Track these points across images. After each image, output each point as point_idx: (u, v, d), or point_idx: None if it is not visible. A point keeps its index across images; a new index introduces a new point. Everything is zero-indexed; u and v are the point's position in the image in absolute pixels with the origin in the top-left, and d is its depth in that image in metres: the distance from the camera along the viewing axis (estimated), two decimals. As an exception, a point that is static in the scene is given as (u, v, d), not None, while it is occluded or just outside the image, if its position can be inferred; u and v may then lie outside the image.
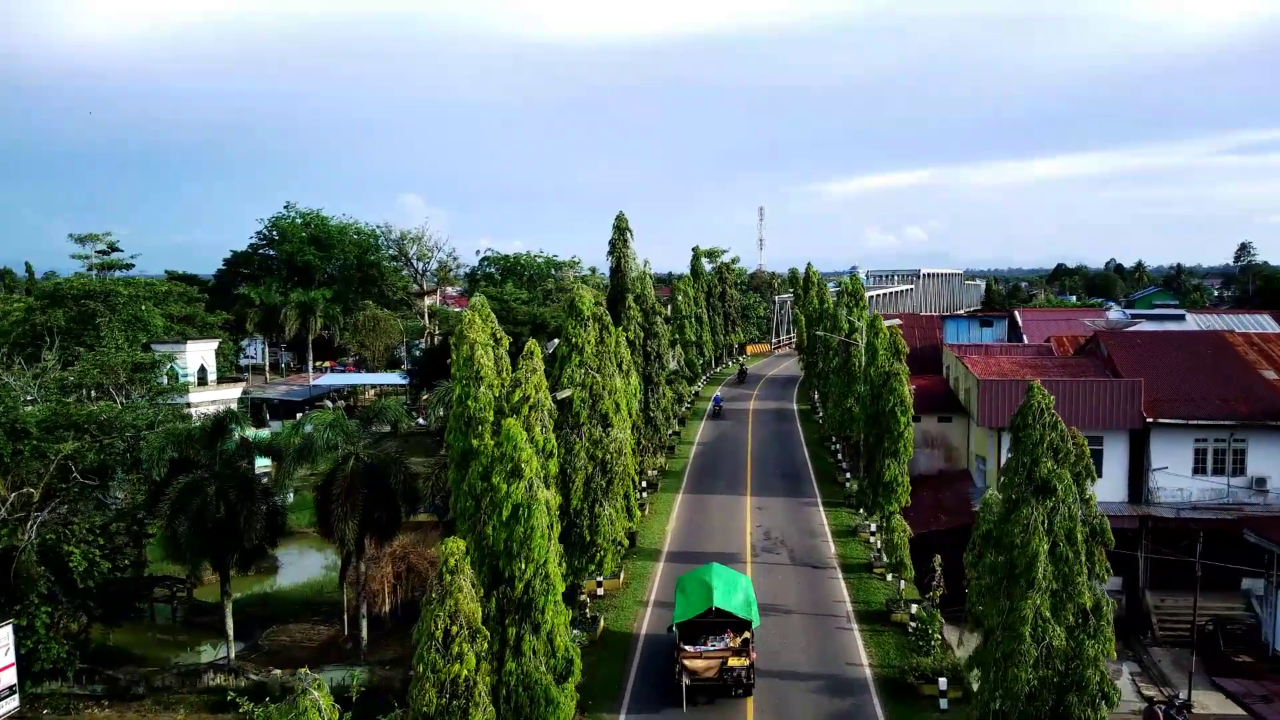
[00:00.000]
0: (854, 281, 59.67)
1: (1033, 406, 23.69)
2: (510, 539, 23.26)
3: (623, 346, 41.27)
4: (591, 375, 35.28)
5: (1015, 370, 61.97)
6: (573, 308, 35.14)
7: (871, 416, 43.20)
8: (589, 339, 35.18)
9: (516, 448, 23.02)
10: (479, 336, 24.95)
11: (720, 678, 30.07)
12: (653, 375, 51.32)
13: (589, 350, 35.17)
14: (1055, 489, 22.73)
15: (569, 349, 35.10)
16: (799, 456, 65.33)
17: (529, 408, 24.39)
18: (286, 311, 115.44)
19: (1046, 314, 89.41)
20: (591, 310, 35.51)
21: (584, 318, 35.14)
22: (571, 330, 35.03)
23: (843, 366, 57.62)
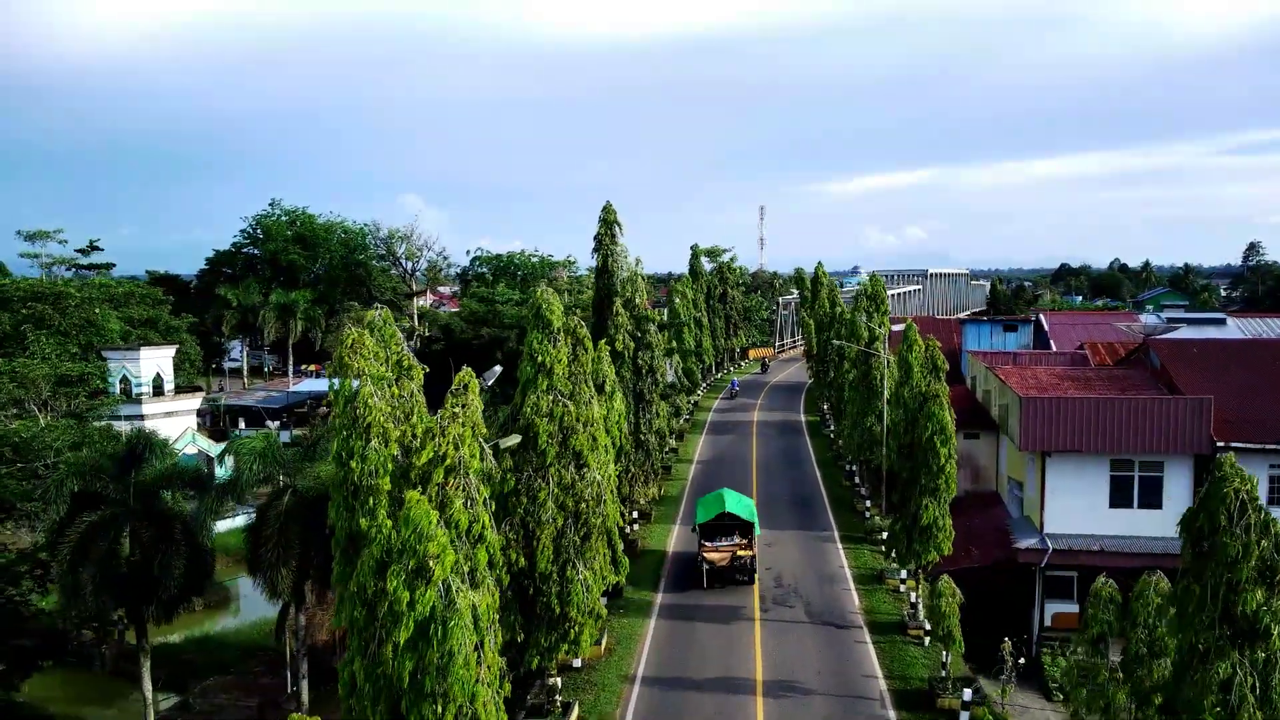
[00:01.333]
0: (875, 283, 51.56)
1: (1226, 498, 15.38)
2: (418, 669, 15.21)
3: (604, 363, 33.15)
4: (562, 404, 27.19)
5: (1055, 383, 53.81)
6: (539, 318, 27.07)
7: (905, 446, 35.11)
8: (559, 357, 27.06)
9: (421, 535, 14.94)
10: (369, 366, 16.87)
11: (731, 565, 39.15)
12: (645, 392, 43.31)
13: (559, 371, 27.06)
14: (1270, 634, 14.33)
15: (534, 370, 27.01)
16: (810, 478, 57.20)
17: (445, 472, 16.21)
18: (265, 313, 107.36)
19: (1074, 317, 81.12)
20: (562, 321, 27.40)
21: (553, 331, 27.05)
22: (537, 347, 26.95)
23: (862, 379, 49.53)
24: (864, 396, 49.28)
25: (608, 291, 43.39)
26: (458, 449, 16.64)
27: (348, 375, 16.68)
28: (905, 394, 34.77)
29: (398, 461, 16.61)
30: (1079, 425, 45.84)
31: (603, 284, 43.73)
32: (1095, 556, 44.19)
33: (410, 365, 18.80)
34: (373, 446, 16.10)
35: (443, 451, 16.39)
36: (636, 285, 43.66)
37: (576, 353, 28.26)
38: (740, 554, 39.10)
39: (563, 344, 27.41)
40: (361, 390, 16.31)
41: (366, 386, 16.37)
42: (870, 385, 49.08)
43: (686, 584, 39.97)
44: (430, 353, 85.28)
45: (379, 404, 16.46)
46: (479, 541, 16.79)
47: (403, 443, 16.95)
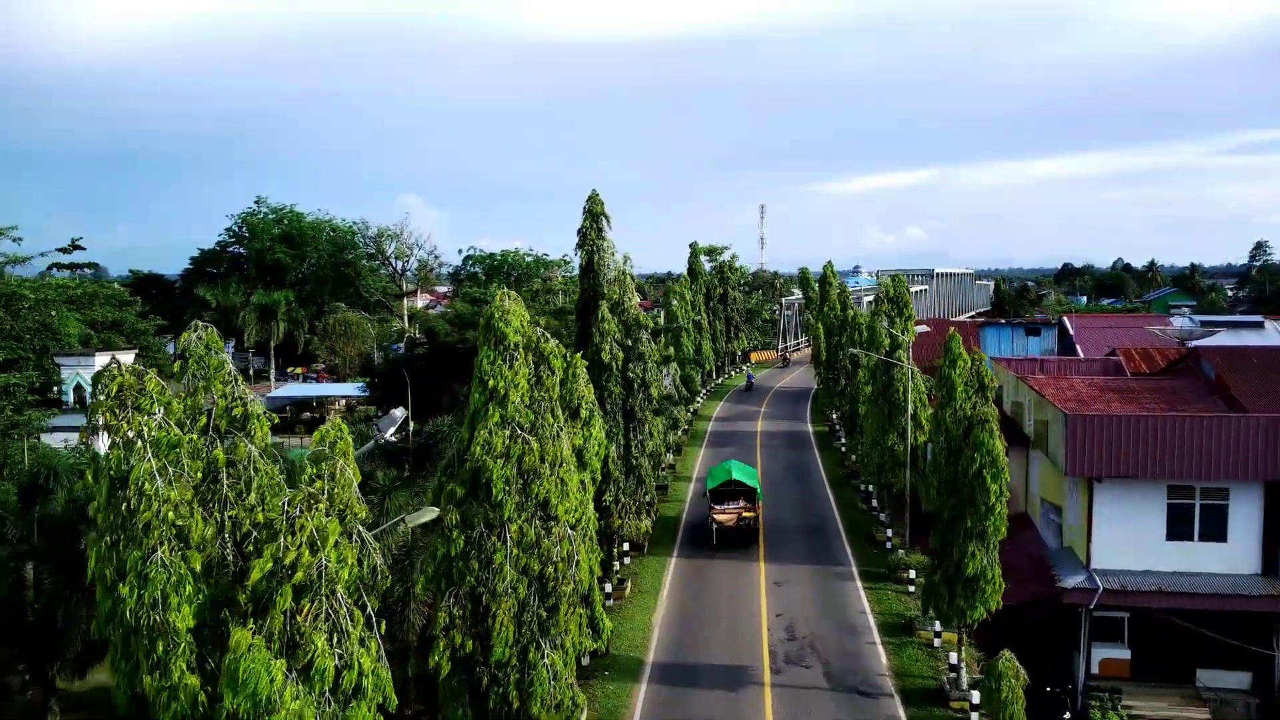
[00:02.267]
0: (897, 285, 45.04)
1: None
2: None
3: (579, 381, 26.72)
4: (521, 440, 20.78)
5: (1096, 396, 47.37)
6: (490, 331, 20.70)
7: (947, 481, 28.67)
8: (517, 381, 20.65)
9: (260, 706, 8.55)
10: (153, 424, 10.47)
11: (737, 524, 42.55)
12: (636, 409, 36.90)
13: (516, 399, 20.65)
14: None
15: (484, 398, 20.61)
16: (822, 500, 50.75)
17: (295, 593, 9.79)
18: (245, 315, 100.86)
19: (1100, 320, 74.62)
20: (521, 335, 20.99)
21: (508, 346, 20.63)
22: (488, 368, 20.54)
23: (883, 393, 43.10)
24: (884, 412, 42.86)
25: (593, 293, 36.95)
26: (316, 551, 10.19)
27: (116, 441, 10.32)
28: (947, 418, 28.36)
29: (213, 575, 10.20)
30: (1134, 447, 39.48)
31: (588, 285, 37.27)
32: (1152, 597, 37.89)
33: (245, 413, 12.34)
34: (157, 560, 9.68)
35: (290, 560, 9.95)
36: (626, 286, 37.20)
37: (540, 373, 21.80)
38: (745, 515, 43.32)
39: (522, 363, 20.98)
40: (135, 470, 9.91)
41: (144, 462, 9.98)
42: (892, 399, 42.67)
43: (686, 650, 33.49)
44: (414, 357, 78.79)
45: (167, 490, 10.01)
46: (355, 696, 10.33)
47: (226, 541, 10.53)
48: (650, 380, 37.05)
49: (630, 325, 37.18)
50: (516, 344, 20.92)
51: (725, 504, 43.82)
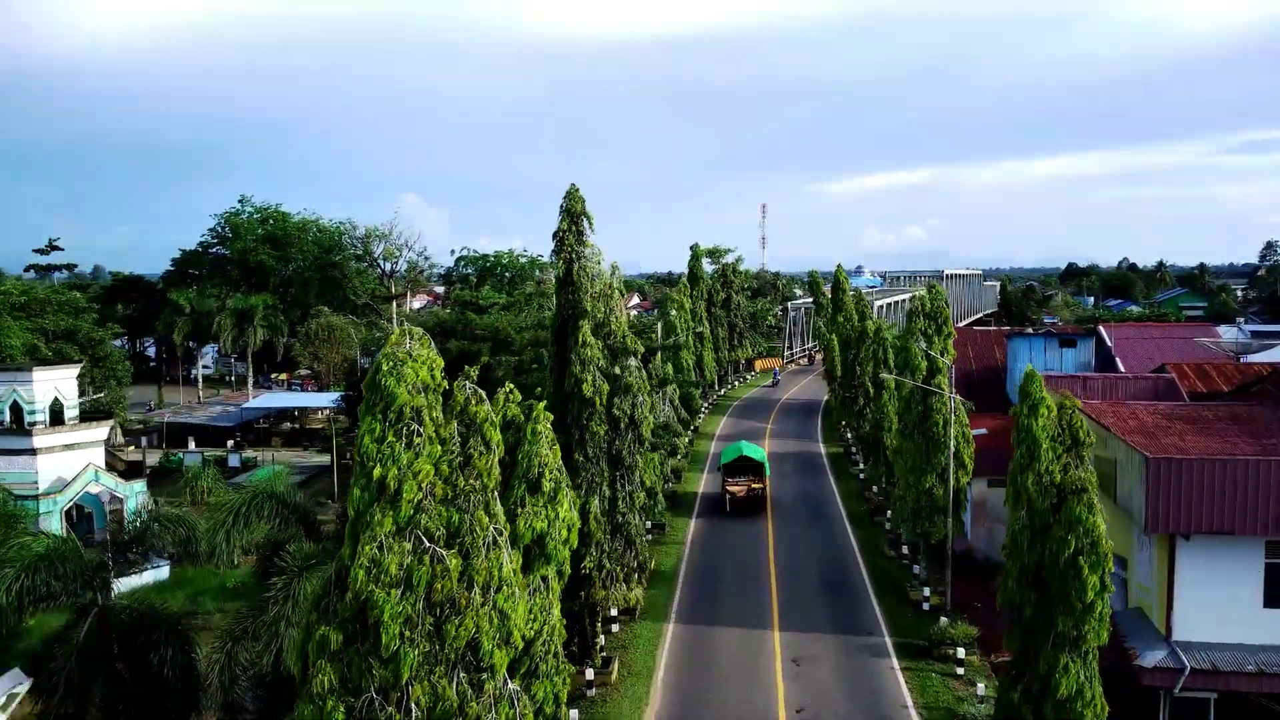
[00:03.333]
0: (935, 297, 37.43)
1: None
2: None
3: (540, 444, 19.11)
4: (430, 559, 13.27)
5: (1164, 426, 39.65)
6: (375, 392, 13.16)
7: (1029, 569, 21.12)
8: (421, 469, 13.13)
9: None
10: None
11: (747, 495, 48.11)
12: (623, 453, 29.39)
13: (416, 495, 13.12)
14: None
15: (369, 496, 13.08)
16: (843, 543, 43.15)
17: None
18: (220, 320, 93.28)
19: (1140, 330, 66.79)
20: (430, 395, 13.45)
21: (403, 416, 13.11)
22: (372, 449, 13.04)
23: (918, 426, 35.49)
24: (921, 448, 35.24)
25: (573, 311, 29.35)
26: None
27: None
28: (1029, 485, 20.87)
29: None
30: (1230, 497, 31.98)
31: (566, 300, 29.66)
32: (1250, 680, 30.39)
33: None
34: None
35: None
36: (613, 302, 29.59)
37: (470, 449, 14.27)
38: (754, 487, 48.41)
39: (430, 440, 13.43)
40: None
41: None
42: (930, 434, 35.05)
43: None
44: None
45: None
46: None
47: None
48: (641, 418, 29.44)
49: (617, 350, 29.56)
50: (420, 410, 13.35)
51: (737, 477, 48.83)
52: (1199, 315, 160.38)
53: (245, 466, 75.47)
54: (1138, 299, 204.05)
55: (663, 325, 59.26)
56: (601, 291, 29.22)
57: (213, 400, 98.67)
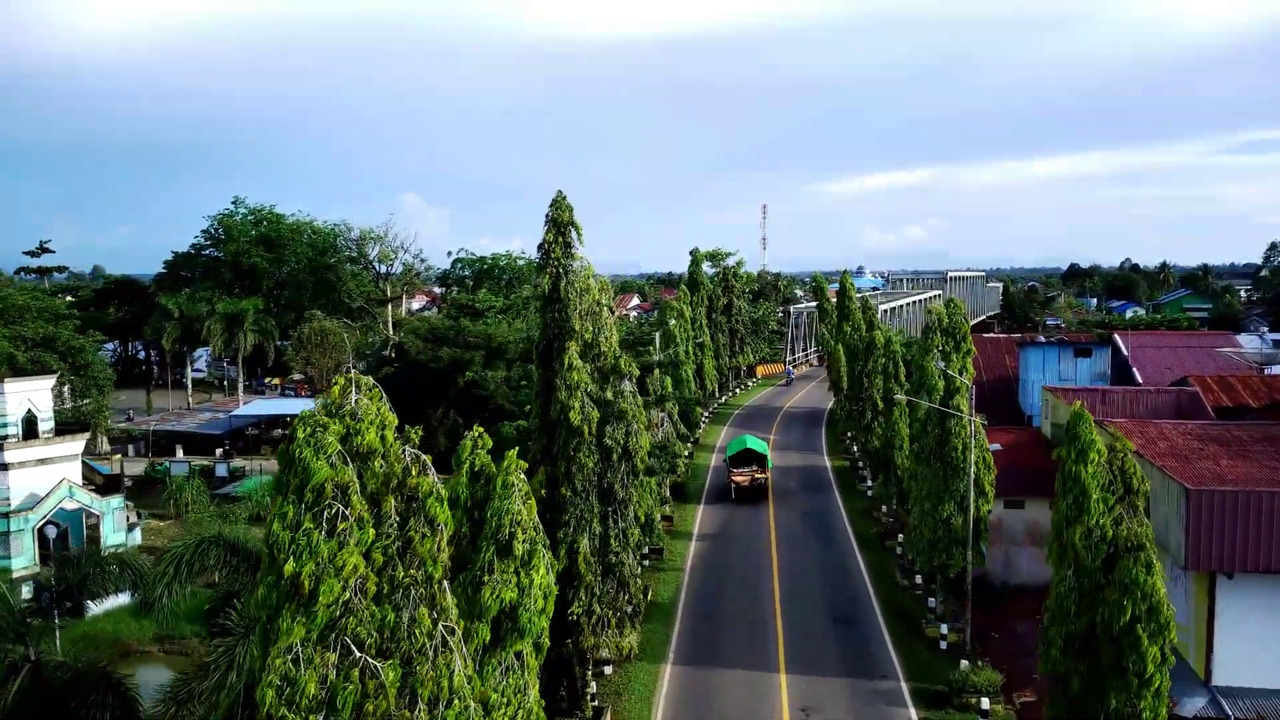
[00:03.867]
0: (953, 311, 34.47)
1: None
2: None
3: (511, 499, 16.17)
4: (358, 672, 10.38)
5: (1196, 449, 36.77)
6: (289, 467, 10.21)
7: (1079, 636, 18.25)
8: (347, 561, 10.23)
9: None
10: None
11: (751, 484, 50.97)
12: (615, 487, 26.53)
13: (337, 594, 10.20)
14: None
15: (277, 596, 10.17)
16: (852, 570, 40.21)
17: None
18: (210, 324, 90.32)
19: (1157, 339, 63.76)
20: (359, 465, 10.53)
21: (323, 496, 10.18)
22: (282, 538, 10.12)
23: (936, 451, 32.58)
24: (939, 474, 32.33)
25: (559, 330, 26.44)
26: None
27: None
28: (1076, 540, 18.01)
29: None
30: (1276, 531, 29.24)
31: (552, 319, 26.76)
32: (1300, 730, 27.41)
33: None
34: None
35: None
36: (601, 321, 26.67)
37: (411, 531, 11.40)
38: (757, 477, 51.30)
39: (357, 530, 10.56)
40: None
41: None
42: (948, 460, 32.15)
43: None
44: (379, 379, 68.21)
45: None
46: None
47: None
48: (635, 448, 26.53)
49: (609, 373, 26.65)
50: (346, 487, 10.46)
51: (741, 467, 51.72)
52: (1204, 317, 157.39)
53: (233, 476, 72.62)
54: (1141, 300, 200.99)
55: (661, 335, 56.37)
56: (590, 309, 26.29)
57: (203, 406, 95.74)
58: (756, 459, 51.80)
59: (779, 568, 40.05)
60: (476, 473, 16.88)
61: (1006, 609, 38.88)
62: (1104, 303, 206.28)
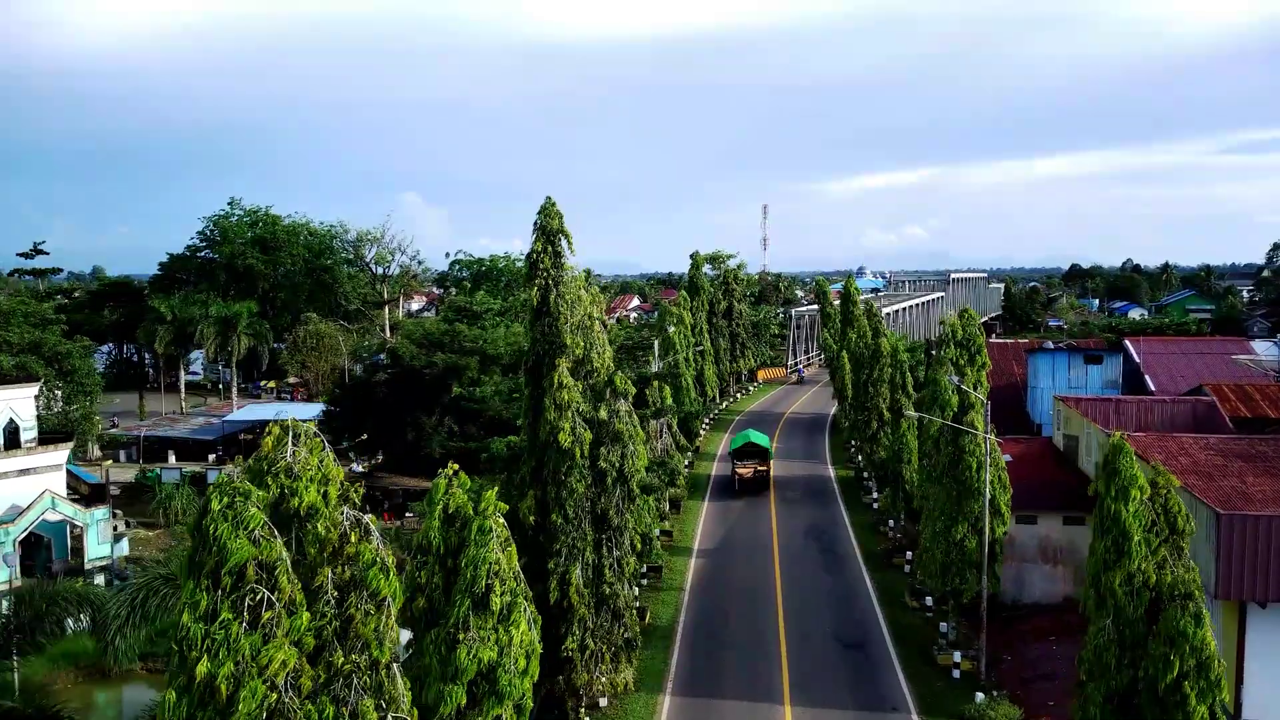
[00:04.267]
0: (967, 322, 32.51)
1: None
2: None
3: (487, 548, 14.31)
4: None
5: (1219, 465, 34.96)
6: (201, 540, 8.33)
7: (1120, 693, 16.42)
8: (274, 653, 8.40)
9: None
10: None
11: (754, 476, 53.19)
12: (609, 513, 24.70)
13: (258, 696, 8.34)
14: None
15: (185, 711, 8.30)
16: (859, 590, 38.31)
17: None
18: (203, 328, 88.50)
19: (1169, 345, 61.83)
20: (300, 515, 8.69)
21: (244, 582, 8.33)
22: (193, 629, 8.27)
23: (949, 469, 30.76)
24: (952, 494, 30.51)
25: (549, 346, 24.61)
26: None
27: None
28: (1116, 586, 16.21)
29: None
30: (1309, 557, 27.47)
31: (541, 334, 24.93)
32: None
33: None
34: None
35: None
36: (594, 336, 24.83)
37: (352, 608, 9.58)
38: (759, 469, 53.26)
39: (288, 600, 8.74)
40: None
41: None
42: (962, 479, 30.33)
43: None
44: (372, 384, 66.52)
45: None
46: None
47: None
48: (631, 471, 24.69)
49: (602, 391, 24.80)
50: (273, 566, 8.63)
51: (745, 460, 53.64)
52: (1207, 318, 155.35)
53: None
54: (1143, 301, 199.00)
55: (660, 342, 54.52)
56: (581, 322, 24.43)
57: (196, 410, 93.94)
58: (759, 452, 53.78)
59: (782, 587, 38.19)
60: (451, 515, 15.05)
61: (1018, 629, 37.03)
62: (1106, 304, 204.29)
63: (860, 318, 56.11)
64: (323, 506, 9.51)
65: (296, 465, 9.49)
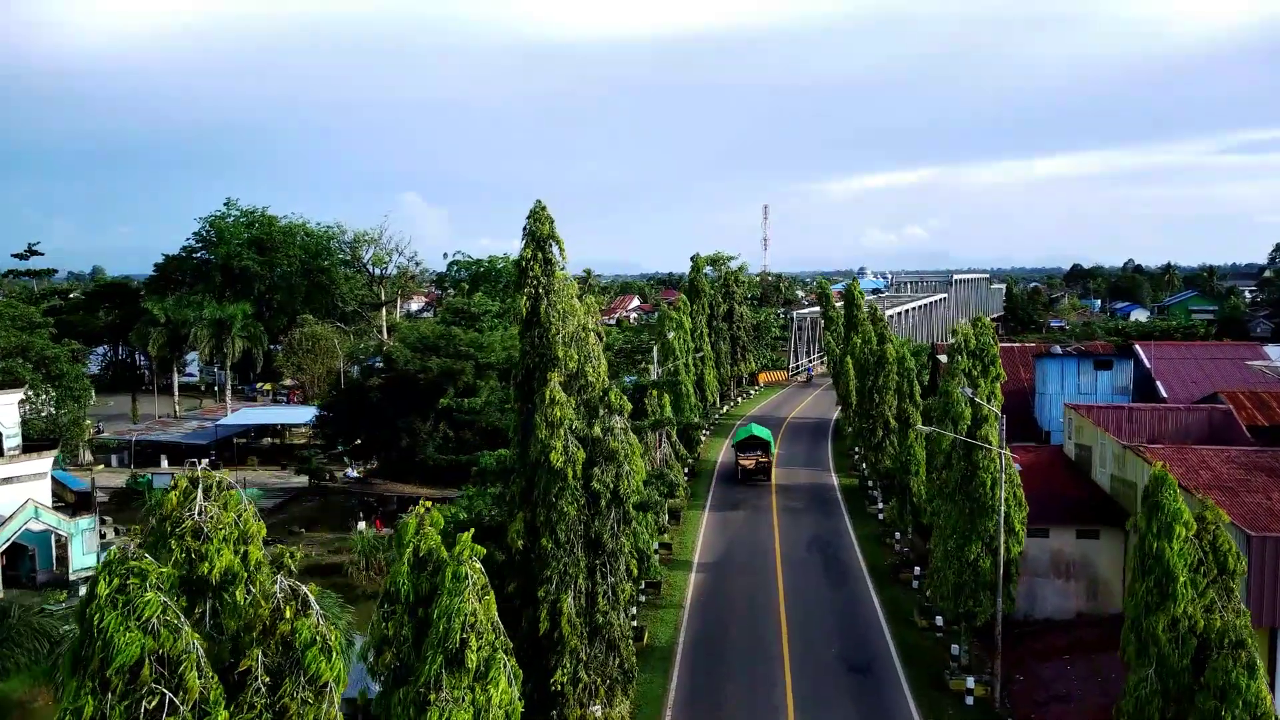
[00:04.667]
0: (981, 332, 30.84)
1: None
2: None
3: (463, 603, 12.65)
4: None
5: (1241, 479, 33.33)
6: (86, 633, 6.69)
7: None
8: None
9: None
10: None
11: (755, 467, 56.10)
12: (603, 537, 23.07)
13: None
14: None
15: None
16: (865, 610, 36.61)
17: None
18: (197, 330, 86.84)
19: (1180, 350, 60.10)
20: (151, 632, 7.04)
21: (124, 672, 6.71)
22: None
23: (961, 486, 29.14)
24: (965, 512, 28.89)
25: (540, 360, 23.00)
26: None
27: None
28: (1159, 631, 14.62)
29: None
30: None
31: (531, 344, 23.32)
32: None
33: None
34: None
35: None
36: (588, 348, 23.20)
37: (282, 695, 7.99)
38: (761, 461, 56.30)
39: (197, 696, 7.13)
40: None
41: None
42: (975, 496, 28.71)
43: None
44: (366, 389, 64.90)
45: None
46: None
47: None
48: (626, 492, 23.07)
49: (596, 407, 23.18)
50: (178, 661, 7.01)
51: (747, 452, 56.71)
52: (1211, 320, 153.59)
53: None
54: (1145, 302, 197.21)
55: (660, 348, 52.88)
56: (575, 334, 22.80)
57: (190, 414, 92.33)
58: (761, 445, 57.08)
59: (786, 605, 36.54)
60: (422, 559, 13.42)
61: (1031, 646, 35.41)
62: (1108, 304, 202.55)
63: (864, 321, 54.42)
64: (241, 571, 7.92)
65: (207, 524, 7.89)
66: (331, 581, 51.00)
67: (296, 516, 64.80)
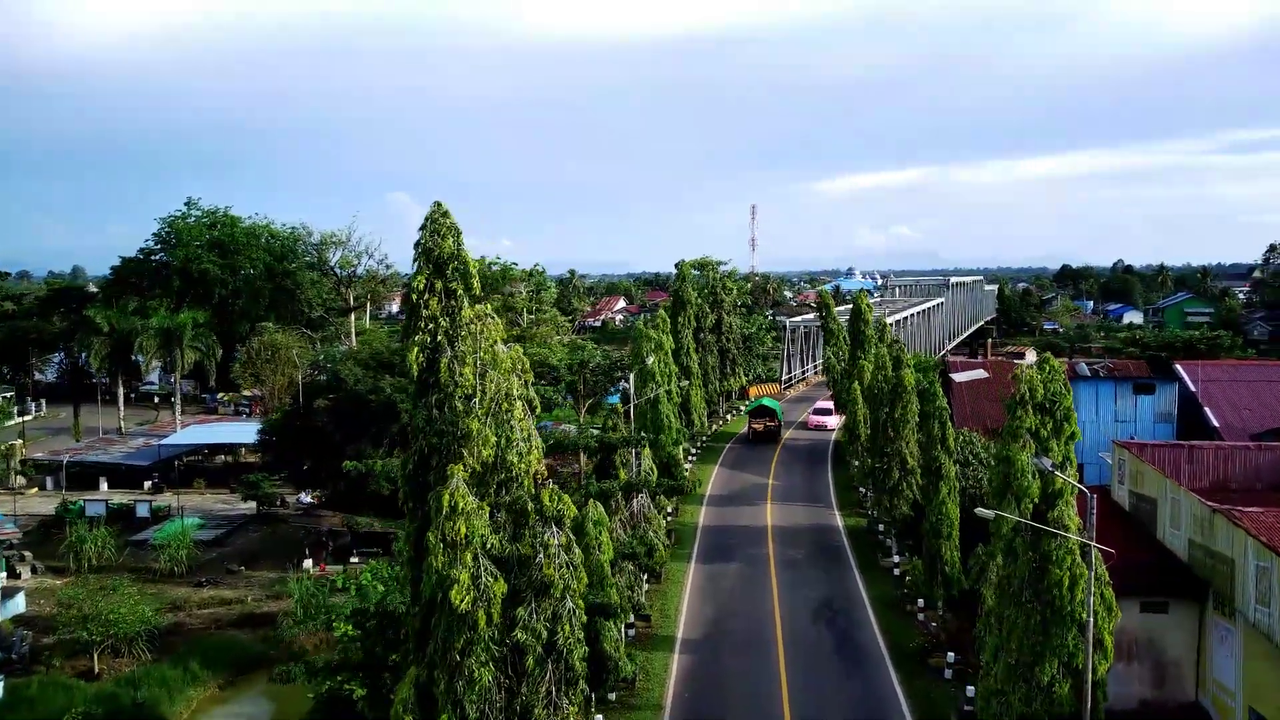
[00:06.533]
0: (1049, 378, 22.69)
1: None
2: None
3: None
4: None
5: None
6: None
7: None
8: None
9: None
10: None
11: (765, 430, 65.51)
12: (533, 711, 15.13)
13: None
14: None
15: None
16: (889, 707, 28.73)
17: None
18: (143, 340, 78.35)
19: (1228, 371, 51.83)
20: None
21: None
22: None
23: (1030, 583, 21.21)
24: (1036, 620, 21.00)
25: (437, 441, 14.99)
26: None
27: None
28: None
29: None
30: None
31: (426, 417, 15.30)
32: None
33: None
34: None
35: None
36: (515, 416, 15.12)
37: None
38: (770, 425, 66.05)
39: None
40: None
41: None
42: (1048, 599, 20.83)
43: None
44: (312, 410, 56.72)
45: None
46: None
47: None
48: (569, 645, 15.03)
49: (524, 511, 15.10)
50: None
51: (759, 418, 65.52)
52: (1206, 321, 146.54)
53: (156, 517, 61.01)
54: (1138, 304, 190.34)
55: (638, 374, 44.84)
56: (495, 402, 14.71)
57: (138, 430, 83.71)
58: (769, 413, 65.72)
59: (790, 703, 28.54)
60: None
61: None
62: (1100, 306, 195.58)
63: (873, 340, 46.53)
64: None
65: None
66: (262, 635, 43.11)
67: (239, 550, 56.78)
